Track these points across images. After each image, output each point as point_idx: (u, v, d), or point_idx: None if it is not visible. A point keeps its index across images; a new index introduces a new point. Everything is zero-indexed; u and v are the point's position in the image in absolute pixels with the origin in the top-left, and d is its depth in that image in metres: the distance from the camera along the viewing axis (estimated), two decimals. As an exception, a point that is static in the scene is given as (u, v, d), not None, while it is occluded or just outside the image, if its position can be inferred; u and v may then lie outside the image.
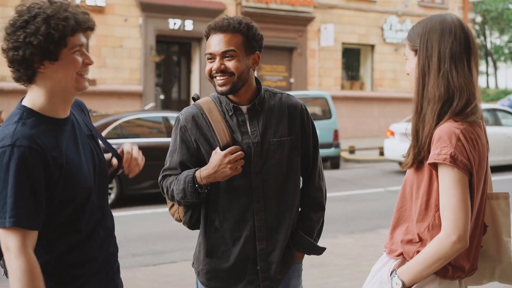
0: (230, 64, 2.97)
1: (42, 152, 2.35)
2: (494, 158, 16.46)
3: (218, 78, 2.99)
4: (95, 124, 12.04)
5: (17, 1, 19.73)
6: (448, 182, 2.41)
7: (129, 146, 2.78)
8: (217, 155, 2.94)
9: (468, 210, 2.41)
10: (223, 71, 2.98)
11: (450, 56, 2.49)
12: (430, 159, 2.44)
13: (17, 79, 2.45)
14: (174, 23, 22.69)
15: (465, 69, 2.50)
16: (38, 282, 2.28)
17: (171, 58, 24.84)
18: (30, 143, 2.32)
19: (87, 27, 2.48)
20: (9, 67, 2.44)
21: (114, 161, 2.75)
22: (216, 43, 2.99)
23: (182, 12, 22.70)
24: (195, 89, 23.64)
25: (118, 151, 2.77)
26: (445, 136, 2.42)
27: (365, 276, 2.80)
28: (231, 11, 23.29)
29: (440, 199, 2.44)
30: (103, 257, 2.62)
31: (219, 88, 3.01)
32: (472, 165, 2.42)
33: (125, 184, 12.00)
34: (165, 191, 3.13)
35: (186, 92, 24.35)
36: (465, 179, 2.41)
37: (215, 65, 2.99)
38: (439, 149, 2.41)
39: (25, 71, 2.40)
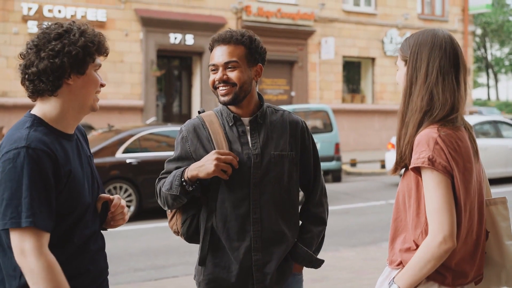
0: (233, 75, 3.03)
1: (55, 158, 2.39)
2: (496, 170, 16.44)
3: (220, 88, 3.05)
4: (112, 140, 12.37)
5: (18, 17, 19.84)
6: (430, 185, 2.48)
7: (118, 197, 2.79)
8: (208, 154, 2.98)
9: (452, 211, 2.47)
10: (226, 81, 3.03)
11: (438, 69, 2.57)
12: (412, 164, 2.52)
13: (38, 91, 2.48)
14: (175, 38, 22.77)
15: (452, 83, 2.58)
16: (62, 278, 2.33)
17: (172, 72, 24.90)
18: (44, 147, 2.37)
19: (106, 50, 2.60)
20: (32, 80, 2.46)
21: (104, 195, 2.74)
22: (219, 54, 3.05)
23: (182, 26, 22.79)
24: (196, 103, 23.68)
25: (108, 195, 2.78)
26: (423, 141, 2.50)
27: (367, 289, 2.80)
28: (232, 25, 23.37)
29: (425, 203, 2.51)
30: (95, 271, 2.62)
31: (222, 98, 3.06)
32: (452, 167, 2.49)
33: (144, 197, 12.14)
34: (158, 193, 3.15)
35: (187, 106, 24.40)
36: (446, 181, 2.48)
37: (217, 75, 3.05)
38: (418, 154, 2.50)
39: (55, 81, 2.45)
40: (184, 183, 2.97)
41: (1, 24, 19.88)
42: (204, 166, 2.93)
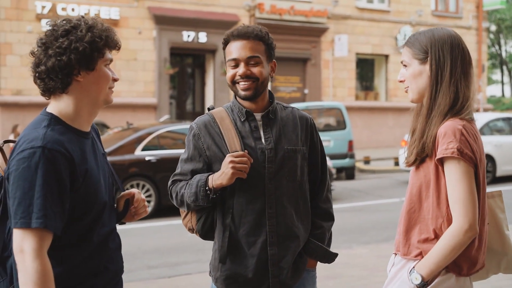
0: (255, 70, 3.04)
1: (71, 158, 2.37)
2: (511, 167, 16.35)
3: (242, 83, 3.05)
4: (131, 137, 12.53)
5: (32, 16, 19.96)
6: (456, 175, 2.58)
7: (138, 192, 2.79)
8: (224, 159, 2.98)
9: (475, 200, 2.58)
10: (248, 76, 3.04)
11: (461, 66, 2.71)
12: (439, 155, 2.60)
13: (49, 89, 2.46)
14: (188, 36, 22.80)
15: (469, 78, 2.73)
16: (51, 286, 2.29)
17: (185, 70, 24.93)
18: (60, 148, 2.35)
19: (117, 44, 2.56)
20: (42, 78, 2.45)
21: (126, 192, 2.73)
22: (240, 49, 3.05)
23: (195, 24, 22.81)
24: (209, 101, 23.70)
25: (129, 191, 2.77)
26: (449, 132, 2.59)
27: (381, 287, 2.81)
28: (245, 23, 23.19)
29: (448, 192, 2.59)
30: (114, 270, 2.62)
31: (243, 93, 3.06)
32: (476, 157, 2.60)
33: (163, 194, 12.22)
34: (174, 196, 3.16)
35: (200, 104, 24.43)
36: (471, 171, 2.59)
37: (240, 70, 3.04)
38: (446, 145, 2.58)
39: (64, 78, 2.43)
40: (208, 191, 2.99)
41: (15, 23, 19.99)
42: (224, 173, 2.94)
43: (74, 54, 2.41)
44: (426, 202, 2.68)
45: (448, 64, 2.69)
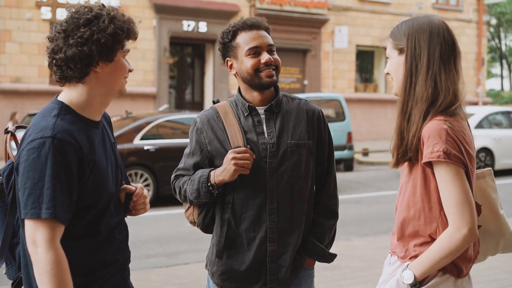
0: (275, 58, 3.03)
1: (80, 149, 2.36)
2: (509, 160, 16.36)
3: (266, 70, 3.00)
4: (130, 126, 12.54)
5: (32, 3, 19.87)
6: (446, 178, 2.42)
7: (141, 187, 2.76)
8: (226, 155, 2.95)
9: (472, 201, 2.43)
10: (271, 64, 3.01)
11: (440, 57, 2.51)
12: (425, 159, 2.45)
13: (65, 78, 2.44)
14: (188, 25, 22.74)
15: (452, 71, 2.53)
16: (67, 275, 2.28)
17: (185, 60, 24.88)
18: (69, 138, 2.34)
19: (135, 35, 2.56)
20: (59, 65, 2.42)
21: (128, 187, 2.71)
22: (260, 37, 3.02)
23: (196, 14, 22.75)
24: (208, 91, 23.67)
25: (132, 186, 2.74)
26: (434, 133, 2.43)
27: (379, 278, 2.79)
28: (245, 13, 23.30)
29: (442, 196, 2.46)
30: (121, 260, 2.62)
31: (267, 80, 3.01)
32: (464, 156, 2.44)
33: (161, 184, 12.23)
34: (177, 191, 3.15)
35: (199, 94, 24.39)
36: (461, 172, 2.43)
37: (264, 57, 3.00)
38: (431, 147, 2.43)
39: (83, 68, 2.41)
40: (210, 188, 2.97)
41: (14, 10, 19.92)
42: (226, 169, 2.91)
43: (96, 45, 2.39)
44: (416, 205, 2.55)
45: (425, 55, 2.50)
